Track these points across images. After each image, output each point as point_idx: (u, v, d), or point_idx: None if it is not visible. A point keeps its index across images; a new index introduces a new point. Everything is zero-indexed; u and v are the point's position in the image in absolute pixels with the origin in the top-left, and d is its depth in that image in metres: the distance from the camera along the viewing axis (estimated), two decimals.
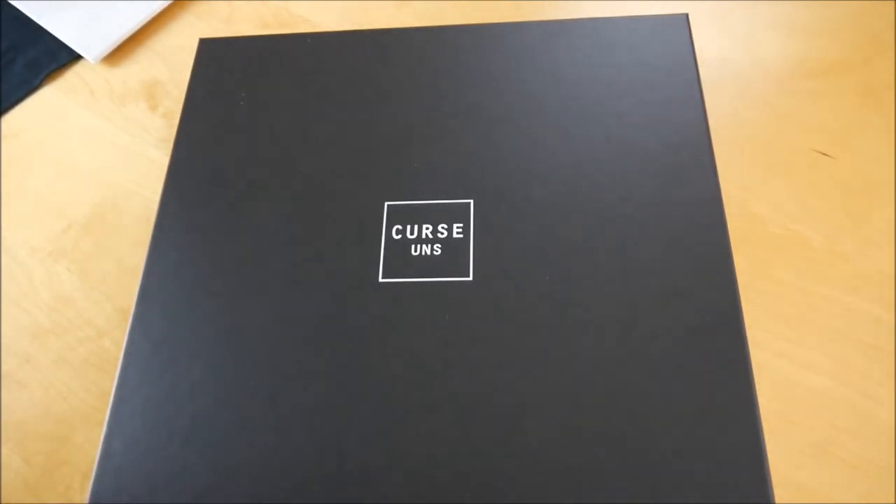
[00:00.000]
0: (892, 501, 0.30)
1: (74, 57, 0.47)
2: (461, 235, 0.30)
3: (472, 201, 0.31)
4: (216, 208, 0.32)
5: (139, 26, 0.47)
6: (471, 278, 0.29)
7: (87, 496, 0.27)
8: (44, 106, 0.46)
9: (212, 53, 0.37)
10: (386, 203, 0.31)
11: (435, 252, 0.30)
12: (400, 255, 0.30)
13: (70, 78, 0.47)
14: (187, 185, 0.33)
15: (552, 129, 0.32)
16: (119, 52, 0.47)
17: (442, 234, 0.30)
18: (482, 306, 0.28)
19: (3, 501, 0.34)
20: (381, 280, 0.29)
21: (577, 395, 0.26)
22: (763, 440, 0.25)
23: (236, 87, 0.36)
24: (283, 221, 0.31)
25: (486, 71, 0.35)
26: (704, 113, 0.32)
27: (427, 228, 0.30)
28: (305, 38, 0.37)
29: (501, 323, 0.28)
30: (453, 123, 0.33)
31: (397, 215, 0.31)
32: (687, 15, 0.35)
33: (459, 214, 0.31)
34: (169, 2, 0.48)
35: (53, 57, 0.47)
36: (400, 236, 0.30)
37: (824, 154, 0.38)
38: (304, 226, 0.31)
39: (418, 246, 0.30)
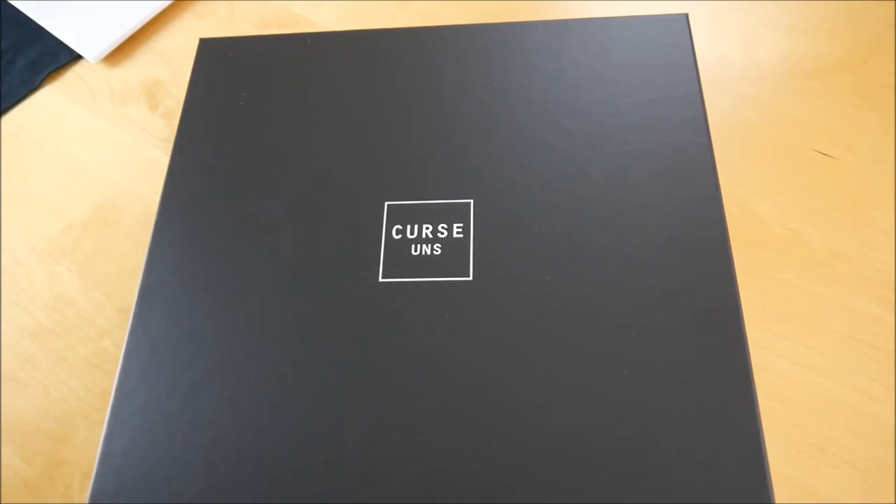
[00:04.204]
0: (892, 501, 0.30)
1: (74, 57, 0.47)
2: (461, 235, 0.30)
3: (472, 201, 0.31)
4: (216, 208, 0.32)
5: (139, 26, 0.47)
6: (471, 278, 0.29)
7: (87, 496, 0.27)
8: (44, 106, 0.46)
9: (212, 53, 0.37)
10: (386, 203, 0.31)
11: (435, 252, 0.30)
12: (400, 255, 0.30)
13: (70, 78, 0.47)
14: (187, 185, 0.33)
15: (552, 129, 0.32)
16: (119, 52, 0.47)
17: (442, 234, 0.30)
18: (482, 306, 0.28)
19: (3, 501, 0.34)
20: (381, 280, 0.29)
21: (577, 394, 0.26)
22: (763, 440, 0.25)
23: (236, 87, 0.36)
24: (283, 221, 0.31)
25: (486, 71, 0.35)
26: (704, 113, 0.32)
27: (427, 228, 0.30)
28: (305, 38, 0.37)
29: (501, 323, 0.28)
30: (453, 123, 0.33)
31: (397, 215, 0.31)
32: (687, 15, 0.35)
33: (459, 214, 0.31)
34: (169, 2, 0.48)
35: (53, 57, 0.47)
36: (400, 236, 0.30)
37: (824, 154, 0.38)
38: (304, 226, 0.31)
39: (418, 246, 0.30)
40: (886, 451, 0.31)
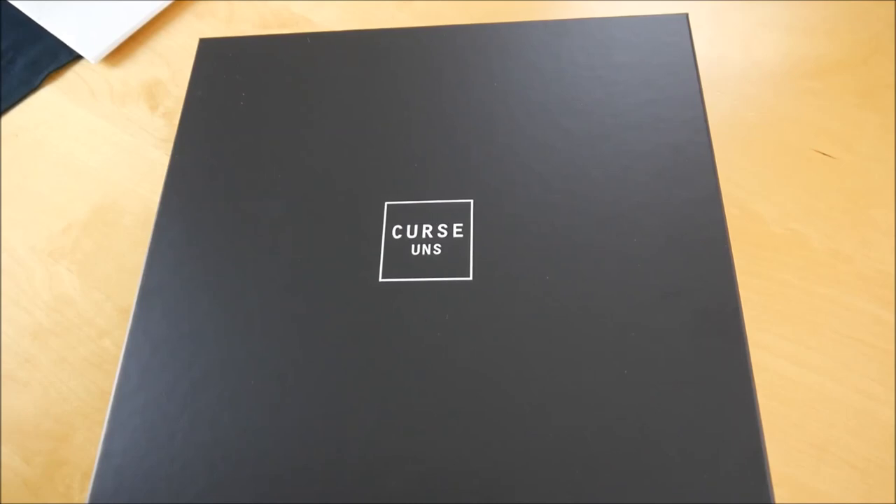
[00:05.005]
0: (892, 501, 0.30)
1: (74, 57, 0.47)
2: (461, 235, 0.30)
3: (472, 201, 0.31)
4: (216, 208, 0.32)
5: (139, 26, 0.47)
6: (471, 278, 0.29)
7: (87, 496, 0.27)
8: (44, 106, 0.46)
9: (212, 53, 0.37)
10: (386, 203, 0.31)
11: (435, 252, 0.30)
12: (400, 255, 0.30)
13: (70, 78, 0.47)
14: (187, 185, 0.33)
15: (552, 129, 0.32)
16: (119, 52, 0.47)
17: (442, 234, 0.30)
18: (482, 306, 0.28)
19: (3, 501, 0.34)
20: (381, 280, 0.29)
21: (577, 394, 0.26)
22: (763, 440, 0.25)
23: (236, 87, 0.36)
24: (283, 221, 0.31)
25: (487, 71, 0.35)
26: (704, 113, 0.32)
27: (427, 228, 0.30)
28: (305, 38, 0.37)
29: (501, 323, 0.28)
30: (453, 123, 0.33)
31: (397, 215, 0.31)
32: (687, 15, 0.35)
33: (459, 214, 0.31)
34: (169, 2, 0.48)
35: (53, 57, 0.47)
36: (400, 236, 0.30)
37: (824, 154, 0.38)
38: (304, 226, 0.31)
39: (418, 246, 0.30)
40: (886, 451, 0.31)
